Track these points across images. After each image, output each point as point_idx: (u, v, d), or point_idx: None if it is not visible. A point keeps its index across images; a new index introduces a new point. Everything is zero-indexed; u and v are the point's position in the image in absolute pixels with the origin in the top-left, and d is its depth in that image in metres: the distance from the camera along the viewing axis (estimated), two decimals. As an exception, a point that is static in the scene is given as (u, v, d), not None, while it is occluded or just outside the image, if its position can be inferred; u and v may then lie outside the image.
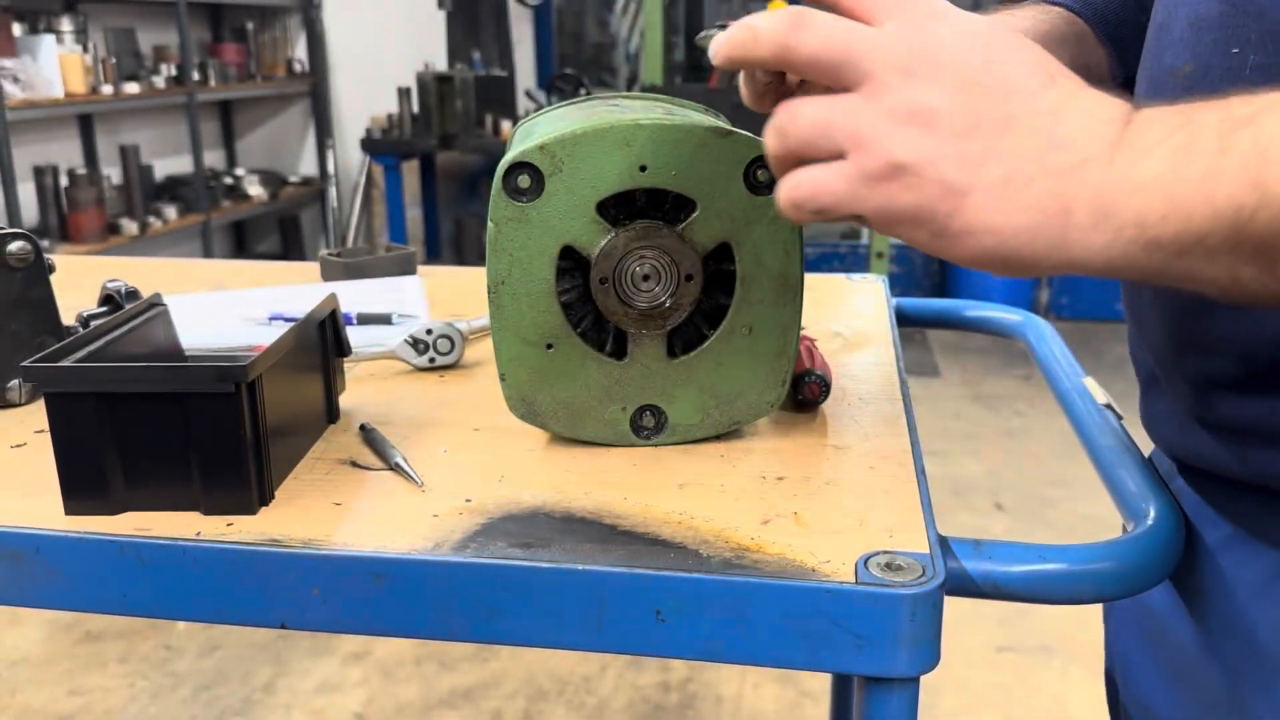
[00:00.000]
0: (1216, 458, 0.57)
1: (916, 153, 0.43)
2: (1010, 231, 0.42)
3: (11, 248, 0.75)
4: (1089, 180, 0.41)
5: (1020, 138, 0.42)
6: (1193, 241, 0.40)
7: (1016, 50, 0.44)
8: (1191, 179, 0.39)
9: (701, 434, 0.69)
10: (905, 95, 0.43)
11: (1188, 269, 0.41)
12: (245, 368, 0.57)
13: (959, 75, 0.43)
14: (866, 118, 0.43)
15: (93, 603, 0.57)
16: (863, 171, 0.44)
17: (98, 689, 2.17)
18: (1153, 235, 0.40)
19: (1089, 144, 0.42)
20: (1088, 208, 0.41)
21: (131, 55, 4.59)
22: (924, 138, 0.43)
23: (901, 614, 0.50)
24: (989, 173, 0.42)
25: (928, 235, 0.44)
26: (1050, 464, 3.19)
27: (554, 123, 0.66)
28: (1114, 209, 0.41)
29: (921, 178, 0.43)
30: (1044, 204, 0.42)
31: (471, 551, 0.54)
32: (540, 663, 2.21)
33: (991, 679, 2.16)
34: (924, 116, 0.43)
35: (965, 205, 0.42)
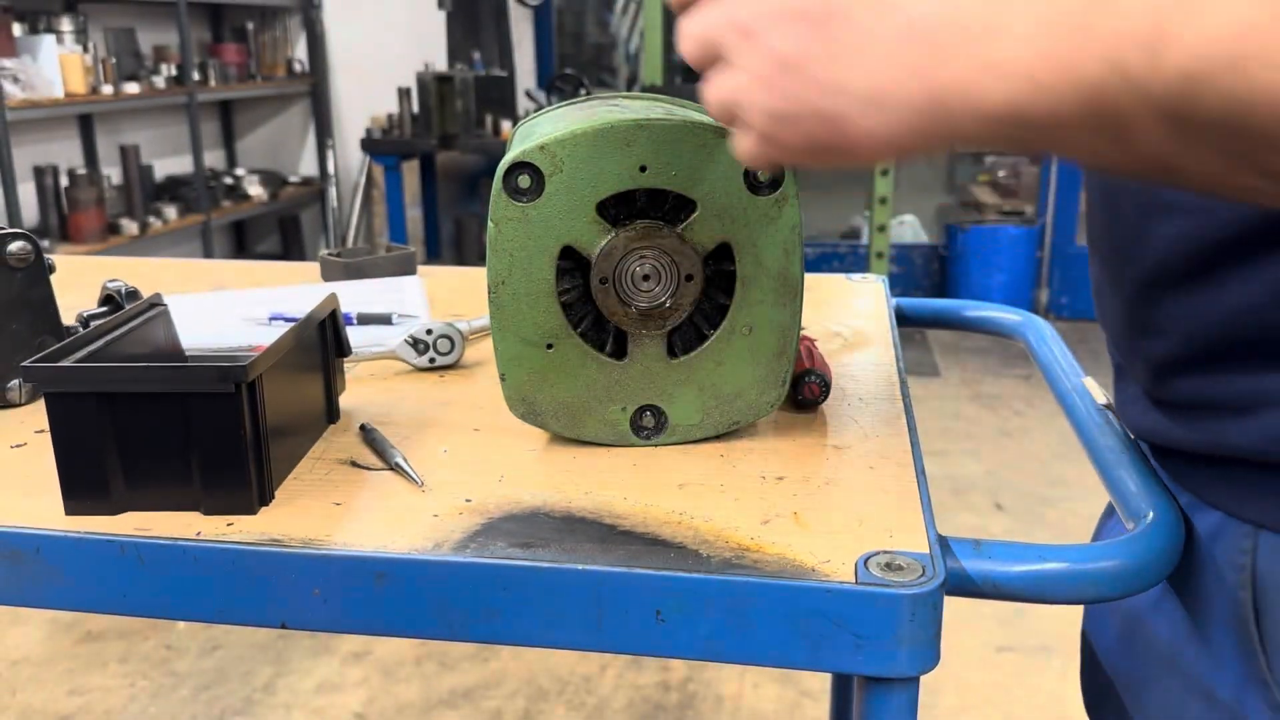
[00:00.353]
0: (1172, 434, 0.60)
1: (783, 98, 0.46)
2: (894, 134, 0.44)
3: (12, 248, 0.75)
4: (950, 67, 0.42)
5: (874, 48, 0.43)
6: (1052, 118, 0.40)
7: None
8: (1053, 58, 0.39)
9: (701, 434, 0.69)
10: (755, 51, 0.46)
11: (1050, 142, 0.42)
12: (245, 368, 0.57)
13: (789, 11, 0.45)
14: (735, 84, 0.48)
15: (93, 603, 0.58)
16: (755, 129, 0.48)
17: (98, 689, 2.17)
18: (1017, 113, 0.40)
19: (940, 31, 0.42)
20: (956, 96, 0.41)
21: (131, 55, 4.59)
22: (784, 81, 0.46)
23: (901, 614, 0.50)
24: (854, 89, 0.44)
25: (831, 159, 0.47)
26: (1049, 464, 3.19)
27: (554, 123, 0.66)
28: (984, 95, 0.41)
29: (795, 117, 0.46)
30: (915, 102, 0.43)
31: (472, 551, 0.54)
32: (540, 662, 2.21)
33: (991, 679, 2.16)
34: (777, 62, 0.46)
35: (847, 127, 0.44)
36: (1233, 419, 0.55)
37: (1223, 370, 0.54)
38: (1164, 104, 0.37)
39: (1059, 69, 0.39)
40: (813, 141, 0.46)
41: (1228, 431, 0.55)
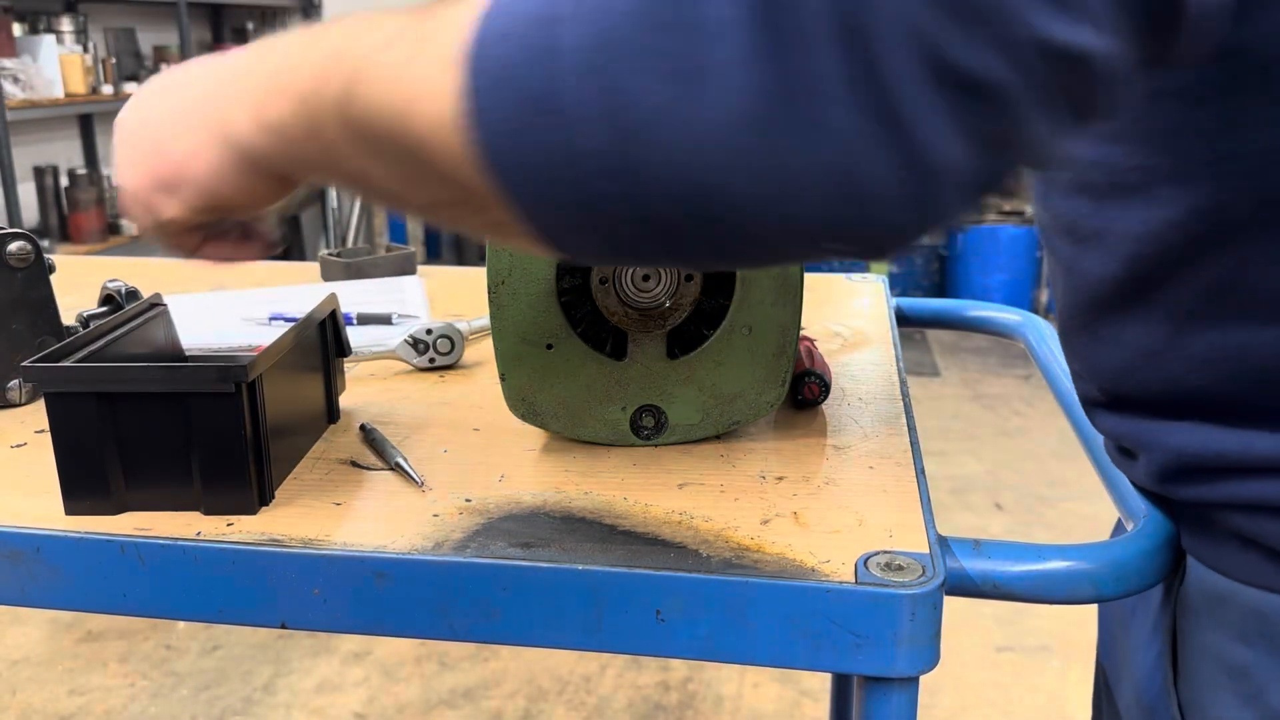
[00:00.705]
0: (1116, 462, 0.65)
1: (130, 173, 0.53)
2: (197, 150, 0.50)
3: (12, 248, 0.75)
4: (230, 92, 0.48)
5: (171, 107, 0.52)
6: (281, 123, 0.45)
7: (148, 89, 0.55)
8: (284, 71, 0.45)
9: (701, 434, 0.69)
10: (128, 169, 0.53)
11: (294, 151, 0.46)
12: (245, 368, 0.57)
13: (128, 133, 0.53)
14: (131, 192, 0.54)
15: (93, 603, 0.58)
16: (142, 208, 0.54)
17: (98, 689, 2.17)
18: (263, 117, 0.46)
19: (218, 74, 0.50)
20: (232, 105, 0.48)
21: (132, 55, 4.59)
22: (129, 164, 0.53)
23: (901, 614, 0.50)
24: (163, 130, 0.51)
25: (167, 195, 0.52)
26: (1049, 464, 3.19)
27: (554, 123, 0.66)
28: (242, 100, 0.47)
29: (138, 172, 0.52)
30: (210, 129, 0.49)
31: (472, 551, 0.55)
32: (540, 662, 2.21)
33: (990, 678, 2.16)
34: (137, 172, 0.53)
35: (165, 150, 0.51)
36: (1128, 457, 0.60)
37: (1120, 414, 0.59)
38: (338, 111, 0.42)
39: (284, 79, 0.45)
40: (153, 175, 0.52)
41: (1129, 468, 0.61)
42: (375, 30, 0.41)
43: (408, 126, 0.38)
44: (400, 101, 0.38)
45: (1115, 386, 0.58)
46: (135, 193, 0.54)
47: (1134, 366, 0.56)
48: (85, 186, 4.05)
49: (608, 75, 0.33)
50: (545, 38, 0.33)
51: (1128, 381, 0.57)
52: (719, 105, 0.32)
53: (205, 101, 0.50)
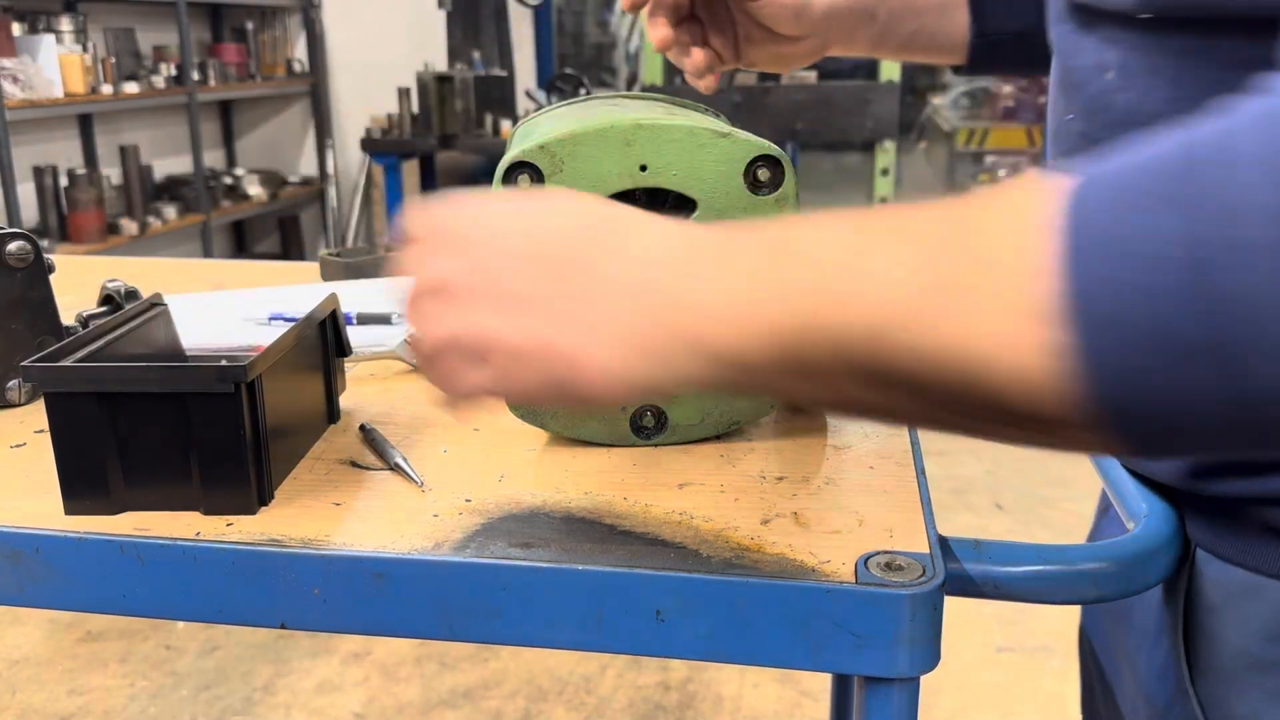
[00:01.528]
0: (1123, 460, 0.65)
1: (510, 331, 0.45)
2: (624, 372, 0.44)
3: (11, 248, 0.75)
4: (658, 308, 0.43)
5: (594, 287, 0.44)
6: (751, 361, 0.41)
7: (566, 211, 0.47)
8: (744, 305, 0.41)
9: (702, 434, 0.69)
10: (486, 290, 0.46)
11: (757, 382, 0.44)
12: (245, 368, 0.57)
13: (524, 255, 0.45)
14: (459, 320, 0.46)
15: (93, 603, 0.57)
16: (476, 357, 0.46)
17: (98, 689, 2.17)
18: (719, 355, 0.42)
19: (650, 272, 0.44)
20: (668, 338, 0.43)
21: (131, 55, 4.59)
22: (514, 317, 0.45)
23: (901, 614, 0.50)
24: (579, 326, 0.44)
25: (570, 397, 0.46)
26: (1049, 464, 3.19)
27: (554, 122, 0.66)
28: (698, 339, 0.42)
29: (528, 351, 0.45)
30: (633, 341, 0.43)
31: (471, 551, 0.54)
32: (540, 662, 2.21)
33: (991, 678, 2.16)
34: (509, 299, 0.45)
35: (578, 363, 0.44)
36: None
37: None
38: (840, 353, 0.38)
39: (751, 315, 0.41)
40: (549, 378, 0.45)
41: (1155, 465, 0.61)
42: (880, 262, 0.37)
43: (970, 374, 0.36)
44: (959, 352, 0.36)
45: None
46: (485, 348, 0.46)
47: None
48: (84, 186, 4.05)
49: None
50: (1190, 284, 0.31)
51: None
52: None
53: (630, 312, 0.43)
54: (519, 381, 0.46)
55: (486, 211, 0.48)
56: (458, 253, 0.47)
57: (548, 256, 0.45)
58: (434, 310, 0.47)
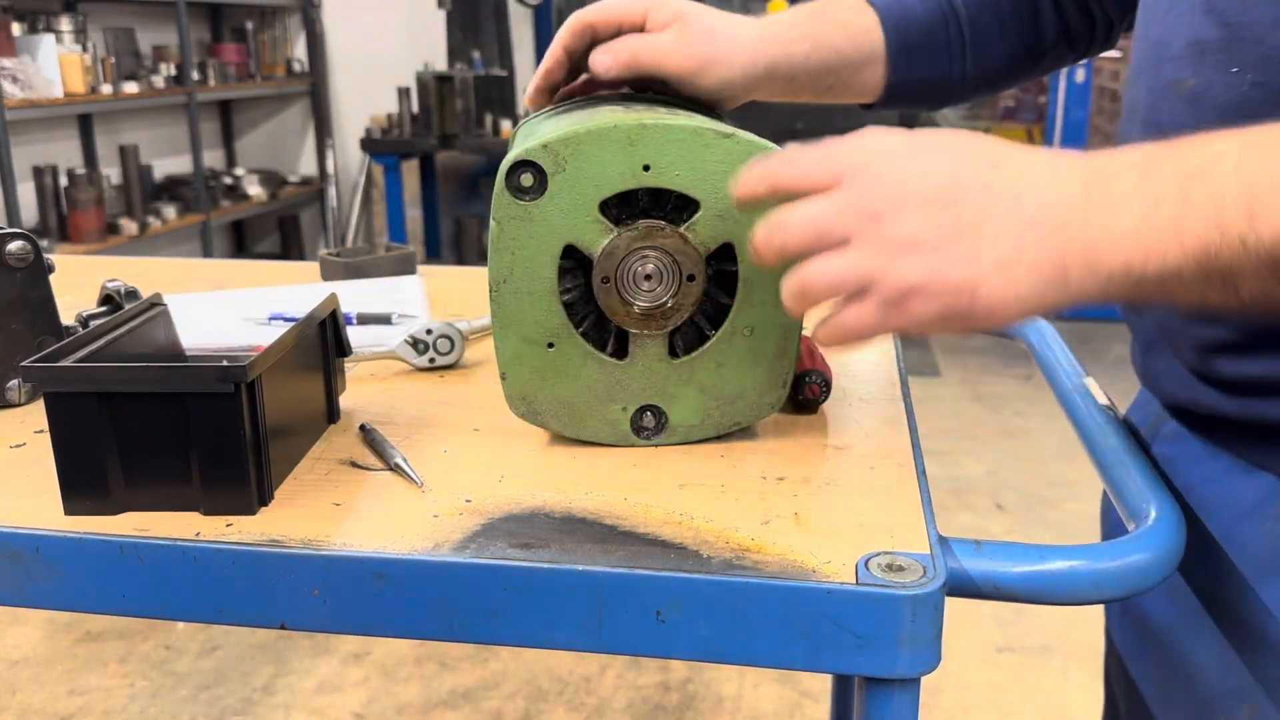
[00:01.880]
0: (1220, 407, 0.64)
1: (919, 271, 0.51)
2: (1022, 298, 0.50)
3: (11, 248, 0.75)
4: (1073, 240, 0.49)
5: (997, 221, 0.50)
6: (1170, 277, 0.48)
7: (948, 154, 0.53)
8: (1163, 228, 0.47)
9: (702, 434, 0.69)
10: (886, 233, 0.52)
11: (1169, 294, 0.49)
12: (245, 368, 0.57)
13: (917, 197, 0.51)
14: (872, 263, 0.52)
15: (92, 603, 0.57)
16: (886, 301, 0.52)
17: (98, 689, 2.17)
18: (1137, 277, 0.48)
19: (1060, 210, 0.50)
20: (1078, 263, 0.49)
21: (131, 55, 4.59)
22: (919, 257, 0.51)
23: (902, 615, 0.50)
24: (985, 261, 0.50)
25: (961, 326, 0.52)
26: (1050, 464, 3.19)
27: (557, 121, 0.66)
28: (1100, 260, 0.49)
29: (931, 288, 0.51)
30: (1041, 269, 0.50)
31: (471, 552, 0.54)
32: (540, 662, 2.21)
33: (991, 679, 2.16)
34: (909, 242, 0.51)
35: (979, 294, 0.51)
36: (1274, 397, 0.60)
37: (1266, 354, 0.59)
38: (1264, 258, 0.45)
39: (1167, 234, 0.47)
40: (945, 309, 0.51)
41: (1270, 408, 0.61)
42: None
43: None
44: None
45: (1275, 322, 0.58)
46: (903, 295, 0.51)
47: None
48: (85, 186, 4.05)
49: None
50: None
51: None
52: None
53: (1032, 248, 0.50)
54: (915, 315, 0.52)
55: (876, 154, 0.53)
56: (853, 197, 0.53)
57: (942, 198, 0.51)
58: (831, 256, 0.53)
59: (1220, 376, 0.64)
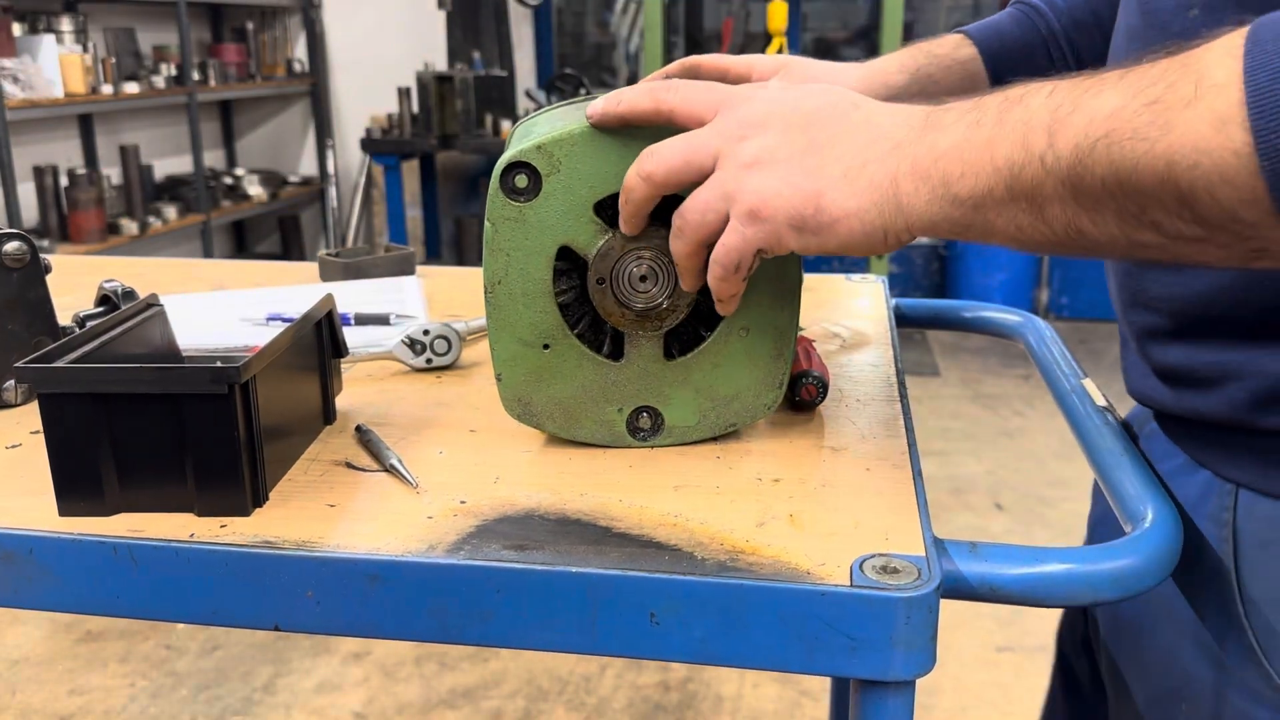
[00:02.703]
0: (1164, 399, 0.68)
1: (770, 181, 0.55)
2: (861, 210, 0.54)
3: (7, 248, 0.75)
4: (905, 156, 0.53)
5: (845, 142, 0.55)
6: (983, 195, 0.50)
7: (818, 92, 0.58)
8: (978, 144, 0.50)
9: (698, 435, 0.69)
10: (745, 150, 0.56)
11: (984, 220, 0.51)
12: (239, 369, 0.57)
13: (780, 121, 0.56)
14: (729, 180, 0.56)
15: (86, 604, 0.57)
16: (741, 216, 0.56)
17: (98, 689, 2.17)
18: (954, 192, 0.51)
19: (899, 131, 0.54)
20: (908, 176, 0.52)
21: (131, 55, 4.59)
22: (772, 169, 0.55)
23: (896, 617, 0.50)
24: (830, 172, 0.54)
25: (813, 240, 0.55)
26: (1049, 464, 3.19)
27: (552, 122, 0.66)
28: (926, 173, 0.52)
29: (781, 195, 0.55)
30: (878, 181, 0.53)
31: (466, 553, 0.54)
32: (540, 662, 2.21)
33: (990, 679, 2.16)
34: (765, 157, 0.55)
35: (823, 201, 0.54)
36: (1204, 388, 0.62)
37: (1197, 343, 0.61)
38: (1062, 174, 0.46)
39: (981, 152, 0.50)
40: (792, 216, 0.55)
41: (1201, 399, 0.63)
42: (1106, 95, 0.45)
43: (1175, 179, 0.43)
44: (1167, 157, 0.43)
45: (1203, 311, 0.60)
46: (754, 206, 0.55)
47: (1230, 287, 0.57)
48: (85, 186, 4.05)
49: None
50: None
51: (1220, 304, 0.58)
52: None
53: (872, 163, 0.54)
54: (767, 228, 0.55)
55: (754, 91, 0.58)
56: (722, 123, 0.57)
57: (802, 122, 0.56)
58: (701, 187, 0.57)
59: (1157, 365, 0.66)
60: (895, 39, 3.91)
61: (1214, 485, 0.64)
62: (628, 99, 0.60)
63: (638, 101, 0.60)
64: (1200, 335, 0.61)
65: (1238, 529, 0.62)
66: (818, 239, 0.55)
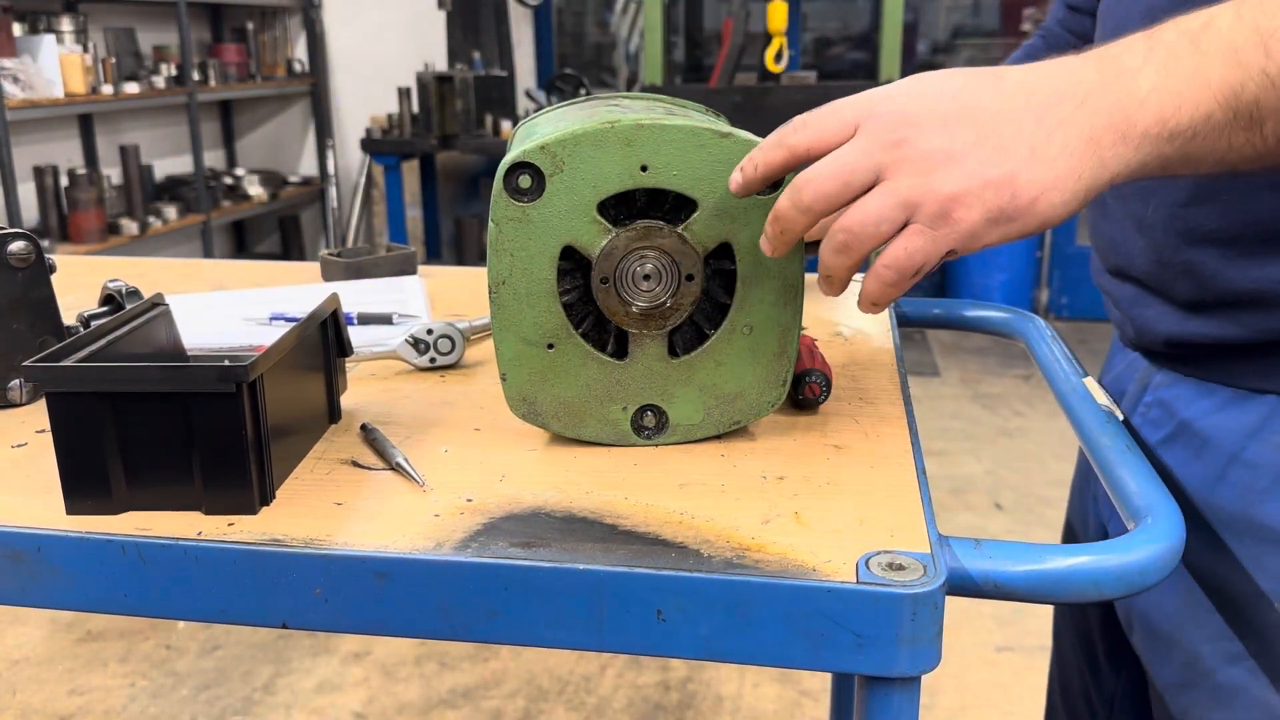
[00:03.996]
0: (1220, 333, 0.68)
1: (957, 179, 0.52)
2: (1061, 179, 0.51)
3: (13, 248, 0.75)
4: (1098, 110, 0.51)
5: (1017, 118, 0.52)
6: (1201, 121, 0.49)
7: (949, 76, 0.55)
8: (1184, 76, 0.49)
9: (702, 434, 0.69)
10: (913, 154, 0.52)
11: (1200, 147, 0.50)
12: (247, 368, 0.57)
13: (933, 115, 0.53)
14: (902, 188, 0.53)
15: (94, 602, 0.58)
16: (931, 219, 0.53)
17: (98, 688, 2.17)
18: (1171, 127, 0.50)
19: (1077, 88, 0.51)
20: (1109, 131, 0.50)
21: (131, 55, 4.59)
22: (953, 167, 0.52)
23: (903, 614, 0.50)
24: (1016, 153, 0.51)
25: (1012, 227, 0.53)
26: (1049, 464, 3.19)
27: (555, 123, 0.66)
28: (1132, 123, 0.50)
29: (973, 191, 0.52)
30: (1072, 146, 0.51)
31: (473, 551, 0.55)
32: (540, 662, 2.22)
33: (991, 678, 2.16)
34: (940, 156, 0.52)
35: (1019, 185, 0.51)
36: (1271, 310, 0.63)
37: (1262, 261, 0.63)
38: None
39: (1192, 82, 0.49)
40: (991, 210, 0.52)
41: (1267, 321, 0.64)
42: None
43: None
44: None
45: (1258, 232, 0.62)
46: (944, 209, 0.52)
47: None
48: (85, 186, 4.05)
49: None
50: None
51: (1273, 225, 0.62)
52: None
53: (1058, 129, 0.51)
54: (964, 226, 0.52)
55: (881, 96, 0.55)
56: (870, 134, 0.54)
57: (957, 113, 0.52)
58: (866, 197, 0.54)
59: (1219, 298, 0.66)
60: (895, 39, 3.91)
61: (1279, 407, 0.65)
62: (761, 160, 0.57)
63: (772, 158, 0.57)
64: (1262, 254, 0.62)
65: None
66: (1018, 225, 0.52)
